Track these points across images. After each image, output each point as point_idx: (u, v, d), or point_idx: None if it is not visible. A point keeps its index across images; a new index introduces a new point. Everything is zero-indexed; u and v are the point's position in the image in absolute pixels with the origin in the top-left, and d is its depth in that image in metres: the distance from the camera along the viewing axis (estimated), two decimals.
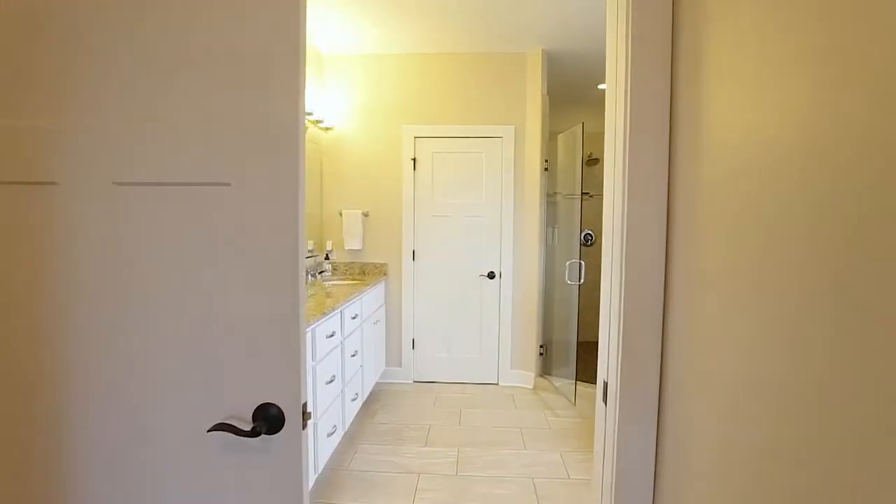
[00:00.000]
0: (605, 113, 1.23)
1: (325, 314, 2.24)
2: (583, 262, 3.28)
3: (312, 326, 2.16)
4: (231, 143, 0.89)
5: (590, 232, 5.08)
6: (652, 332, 1.10)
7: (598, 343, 1.28)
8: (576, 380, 3.35)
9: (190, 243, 0.91)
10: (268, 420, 0.90)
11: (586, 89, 4.65)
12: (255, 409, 0.91)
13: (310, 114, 3.35)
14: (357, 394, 2.93)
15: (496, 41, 3.56)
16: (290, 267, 0.90)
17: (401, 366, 3.94)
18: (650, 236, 1.09)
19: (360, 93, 3.84)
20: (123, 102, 0.90)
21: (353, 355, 2.85)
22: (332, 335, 2.40)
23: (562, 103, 4.70)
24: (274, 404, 0.91)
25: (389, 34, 3.45)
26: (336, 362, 2.50)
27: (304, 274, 0.94)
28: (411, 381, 3.94)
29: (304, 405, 0.93)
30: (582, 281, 3.30)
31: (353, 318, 2.84)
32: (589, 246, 5.03)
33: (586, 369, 4.05)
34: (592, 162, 5.43)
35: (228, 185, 0.89)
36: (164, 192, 0.91)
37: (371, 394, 3.63)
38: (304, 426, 0.93)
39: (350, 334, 2.77)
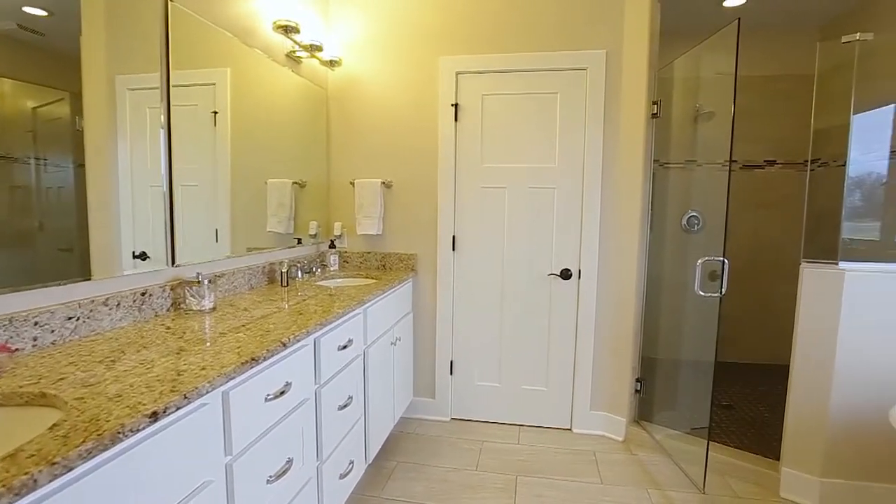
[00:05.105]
0: None
1: (254, 361, 1.17)
2: (727, 261, 1.99)
3: (222, 389, 1.09)
4: None
5: (695, 214, 3.68)
6: None
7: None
8: (708, 440, 2.09)
9: None
10: None
11: (706, 7, 3.24)
12: None
13: (293, 27, 2.25)
14: (352, 463, 1.86)
15: None
16: None
17: (434, 397, 2.84)
18: None
19: (378, 11, 2.71)
20: None
21: (344, 406, 1.77)
22: (281, 393, 1.32)
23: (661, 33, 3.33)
24: None
25: None
26: (294, 435, 1.43)
27: None
28: (448, 419, 2.84)
29: None
30: (725, 291, 2.01)
31: (343, 347, 1.75)
32: (693, 233, 3.65)
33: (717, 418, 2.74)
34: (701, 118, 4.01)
35: None
36: None
37: (389, 439, 2.57)
38: None
39: (333, 377, 1.69)
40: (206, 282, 1.62)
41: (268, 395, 1.26)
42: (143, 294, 1.50)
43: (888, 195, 2.88)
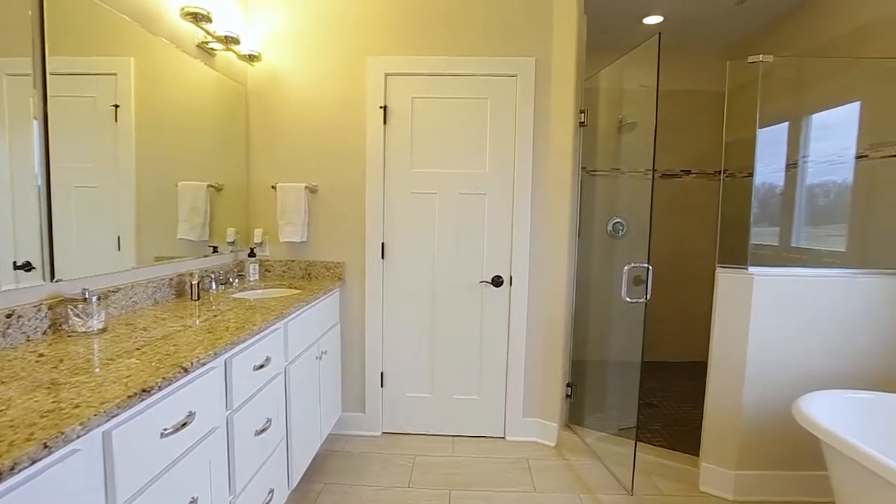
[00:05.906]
0: None
1: (145, 392, 1.01)
2: (650, 268, 2.05)
3: (102, 429, 0.93)
4: None
5: (620, 220, 3.83)
6: None
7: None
8: (636, 443, 2.14)
9: None
10: None
11: (627, 23, 3.39)
12: None
13: (204, 15, 2.05)
14: (272, 492, 1.71)
15: None
16: None
17: (364, 411, 2.71)
18: None
19: (303, 6, 2.56)
20: None
21: (262, 431, 1.62)
22: (183, 425, 1.16)
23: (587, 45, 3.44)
24: None
25: None
26: (200, 471, 1.26)
27: None
28: (379, 433, 2.72)
29: None
30: (650, 296, 2.07)
31: (260, 367, 1.60)
32: (618, 239, 3.80)
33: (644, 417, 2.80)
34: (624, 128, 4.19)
35: None
36: None
37: (316, 459, 2.41)
38: None
39: (248, 400, 1.54)
40: (94, 298, 1.41)
41: (165, 429, 1.10)
42: (9, 316, 1.27)
43: (784, 204, 3.14)
